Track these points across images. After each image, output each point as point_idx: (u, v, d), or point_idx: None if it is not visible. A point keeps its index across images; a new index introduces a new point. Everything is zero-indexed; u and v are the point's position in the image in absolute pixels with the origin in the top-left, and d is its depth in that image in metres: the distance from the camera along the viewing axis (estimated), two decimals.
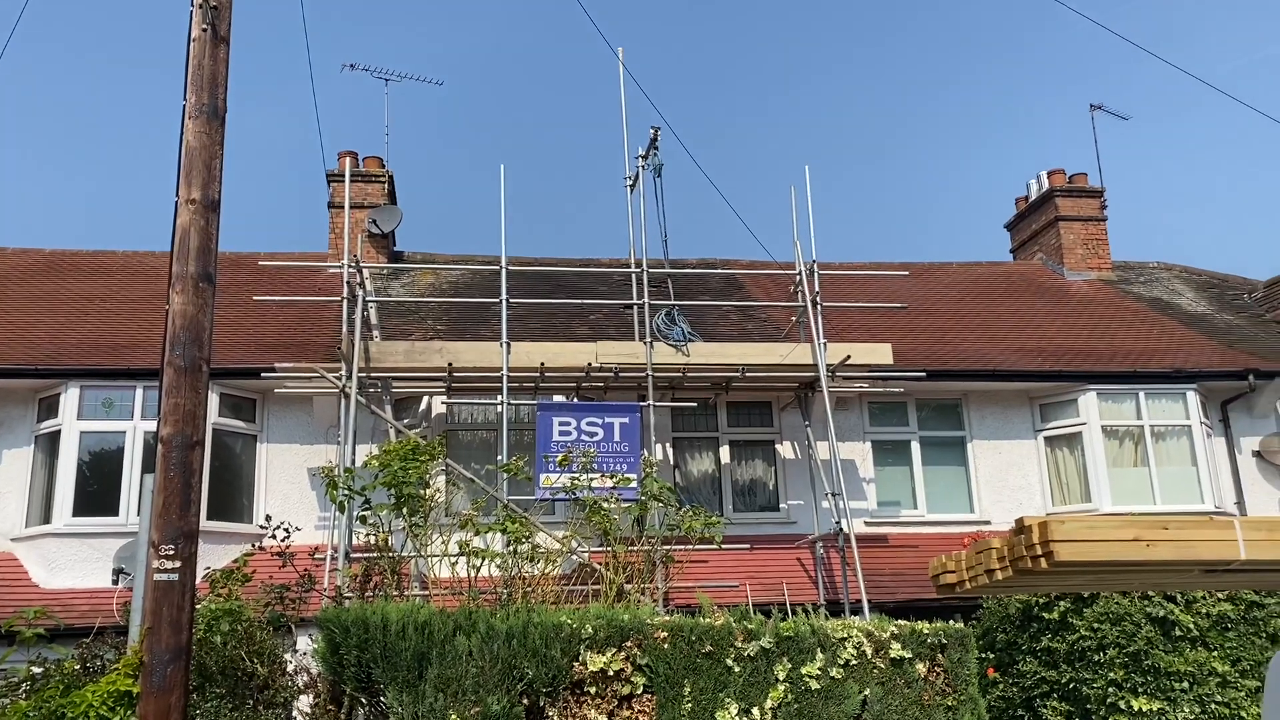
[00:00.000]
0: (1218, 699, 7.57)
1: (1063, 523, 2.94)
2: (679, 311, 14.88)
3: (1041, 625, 8.49)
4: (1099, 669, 7.87)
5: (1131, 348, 17.58)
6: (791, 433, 15.86)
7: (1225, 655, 7.64)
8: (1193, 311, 20.05)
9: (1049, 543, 2.90)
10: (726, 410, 15.97)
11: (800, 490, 15.64)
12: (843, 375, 14.83)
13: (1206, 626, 7.69)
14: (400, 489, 7.74)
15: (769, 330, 16.82)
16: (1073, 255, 21.54)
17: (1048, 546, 2.90)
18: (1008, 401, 16.67)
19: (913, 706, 7.11)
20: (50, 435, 14.21)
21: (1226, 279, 22.19)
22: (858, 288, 18.12)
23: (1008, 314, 19.02)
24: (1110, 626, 7.84)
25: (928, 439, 16.52)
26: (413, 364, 13.80)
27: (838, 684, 7.01)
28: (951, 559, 3.53)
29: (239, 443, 14.97)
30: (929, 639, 7.30)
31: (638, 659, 6.75)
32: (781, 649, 7.02)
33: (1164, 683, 7.64)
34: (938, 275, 20.92)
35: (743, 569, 14.26)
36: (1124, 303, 20.06)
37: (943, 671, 7.30)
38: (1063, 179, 21.91)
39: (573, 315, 17.03)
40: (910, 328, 17.54)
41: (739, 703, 6.81)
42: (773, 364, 14.52)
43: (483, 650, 6.48)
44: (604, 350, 14.10)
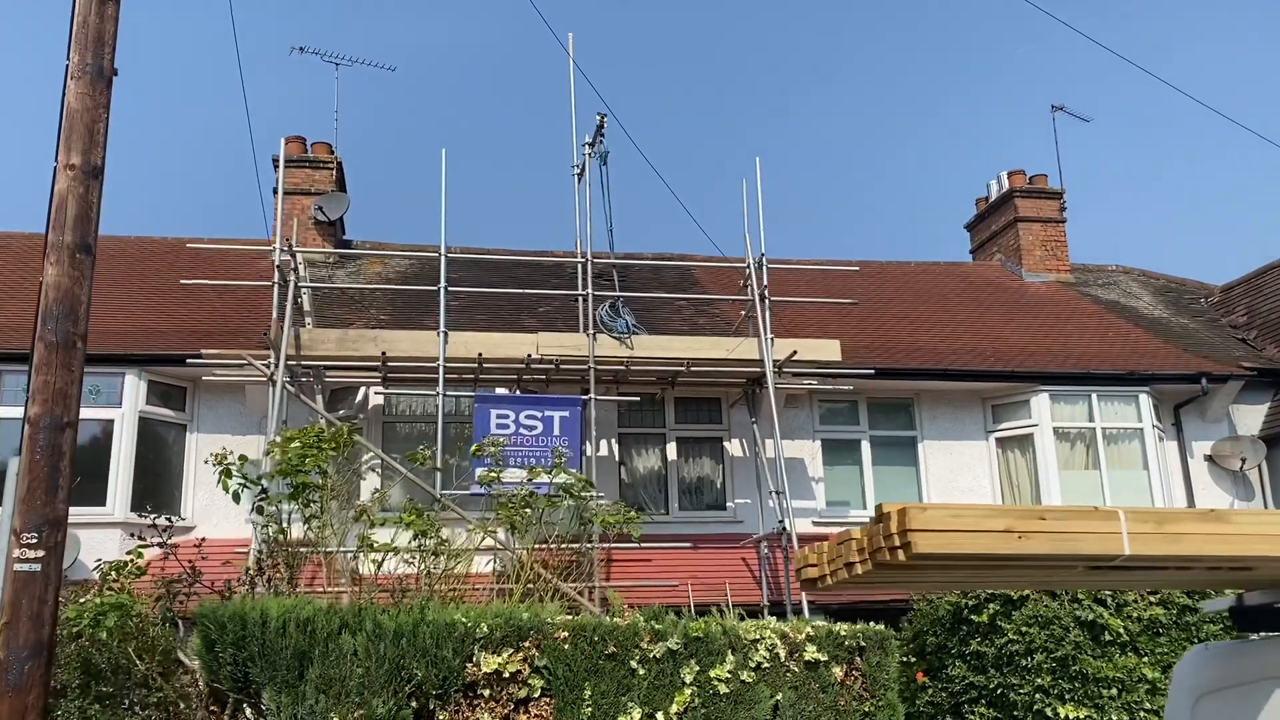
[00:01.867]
0: (1146, 706, 7.30)
1: (924, 510, 2.60)
2: (623, 303, 14.52)
3: (971, 628, 8.20)
4: (1026, 674, 7.58)
5: (1086, 349, 17.41)
6: (740, 430, 15.55)
7: (1156, 661, 7.37)
8: (1149, 315, 19.92)
9: (907, 532, 2.56)
10: (674, 406, 15.64)
11: (748, 489, 15.34)
12: (791, 372, 14.53)
13: (1137, 631, 7.42)
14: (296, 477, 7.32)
15: (721, 326, 16.50)
16: (1031, 256, 21.38)
17: (905, 536, 2.56)
18: (960, 402, 16.44)
19: (827, 712, 6.78)
20: None
21: (1184, 283, 22.11)
22: (812, 285, 17.85)
23: (963, 314, 18.81)
24: (1039, 630, 7.56)
25: (878, 438, 16.27)
26: (346, 352, 13.36)
27: (749, 688, 6.67)
28: (815, 551, 3.19)
29: (170, 433, 14.49)
30: (847, 641, 6.97)
31: (536, 660, 6.37)
32: (690, 650, 6.66)
33: (1092, 689, 7.36)
34: (894, 274, 20.70)
35: (686, 568, 13.94)
36: (1081, 305, 19.90)
37: (860, 675, 6.98)
38: (1023, 180, 21.76)
39: (520, 308, 16.64)
40: (864, 326, 17.29)
41: (642, 707, 6.45)
42: (719, 358, 14.19)
43: (369, 650, 6.09)
44: (545, 341, 13.72)
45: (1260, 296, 19.40)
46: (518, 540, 8.87)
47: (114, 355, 13.80)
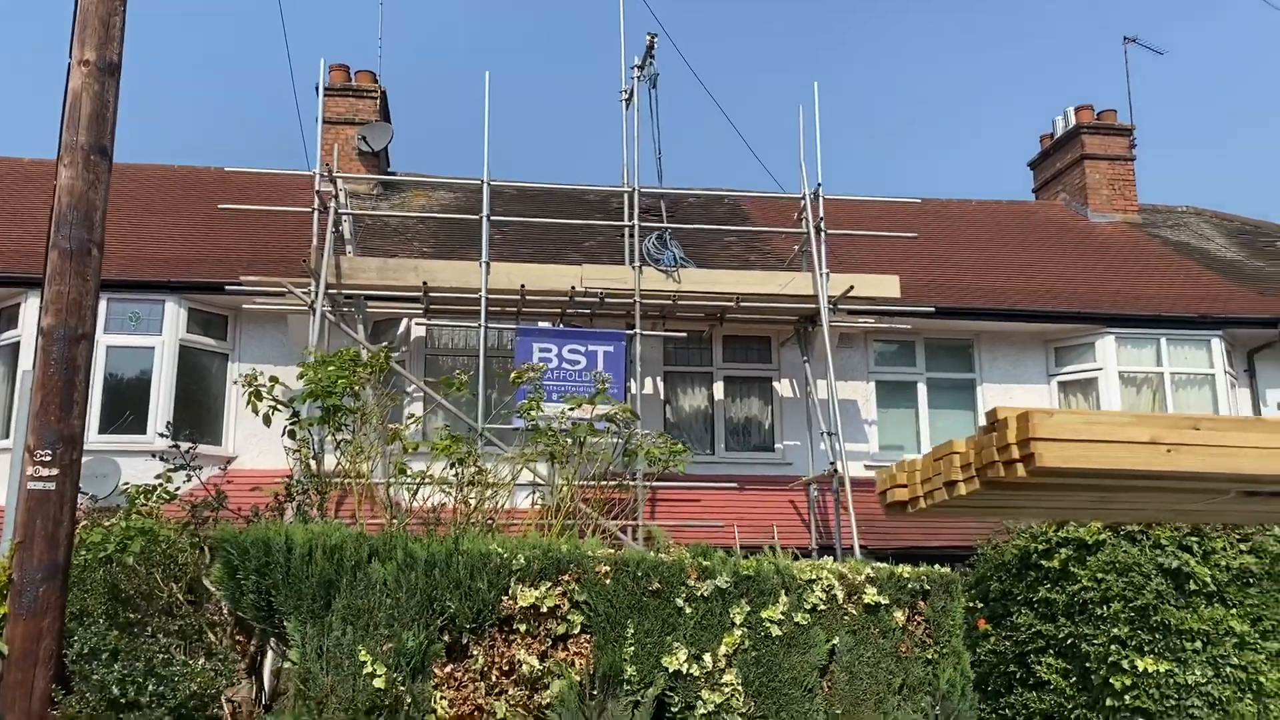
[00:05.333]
0: (1234, 661, 6.77)
1: (1051, 415, 2.12)
2: (670, 235, 13.97)
3: (1040, 574, 7.69)
4: (1101, 624, 7.07)
5: (1155, 292, 16.62)
6: (790, 370, 15.02)
7: (1245, 614, 6.83)
8: (1222, 257, 19.00)
9: (1030, 441, 2.07)
10: (722, 345, 15.13)
11: (797, 431, 14.84)
12: (846, 309, 13.95)
13: (1225, 581, 6.87)
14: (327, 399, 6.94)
15: (772, 263, 15.90)
16: (1097, 196, 20.46)
17: (1028, 447, 2.07)
18: (1021, 344, 15.77)
19: (887, 659, 6.35)
20: None
21: (1259, 225, 21.07)
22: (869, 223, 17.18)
23: (1026, 254, 18.04)
24: (1116, 577, 7.03)
25: (935, 381, 15.68)
26: (387, 282, 12.98)
27: (803, 630, 6.24)
28: (904, 469, 2.70)
29: (212, 362, 14.26)
30: (909, 584, 6.50)
31: (576, 595, 5.98)
32: (740, 590, 6.24)
33: (1173, 641, 6.84)
34: (954, 212, 19.94)
35: (732, 509, 13.53)
36: (1149, 246, 19.03)
37: (924, 621, 6.52)
38: (1090, 115, 20.77)
39: (565, 242, 16.15)
40: (922, 265, 16.60)
41: (689, 648, 6.05)
42: (771, 294, 13.63)
43: (399, 580, 5.73)
44: (589, 274, 13.24)
45: None
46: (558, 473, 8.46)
47: (153, 282, 13.58)
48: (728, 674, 6.07)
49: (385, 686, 5.56)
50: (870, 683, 6.29)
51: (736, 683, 6.08)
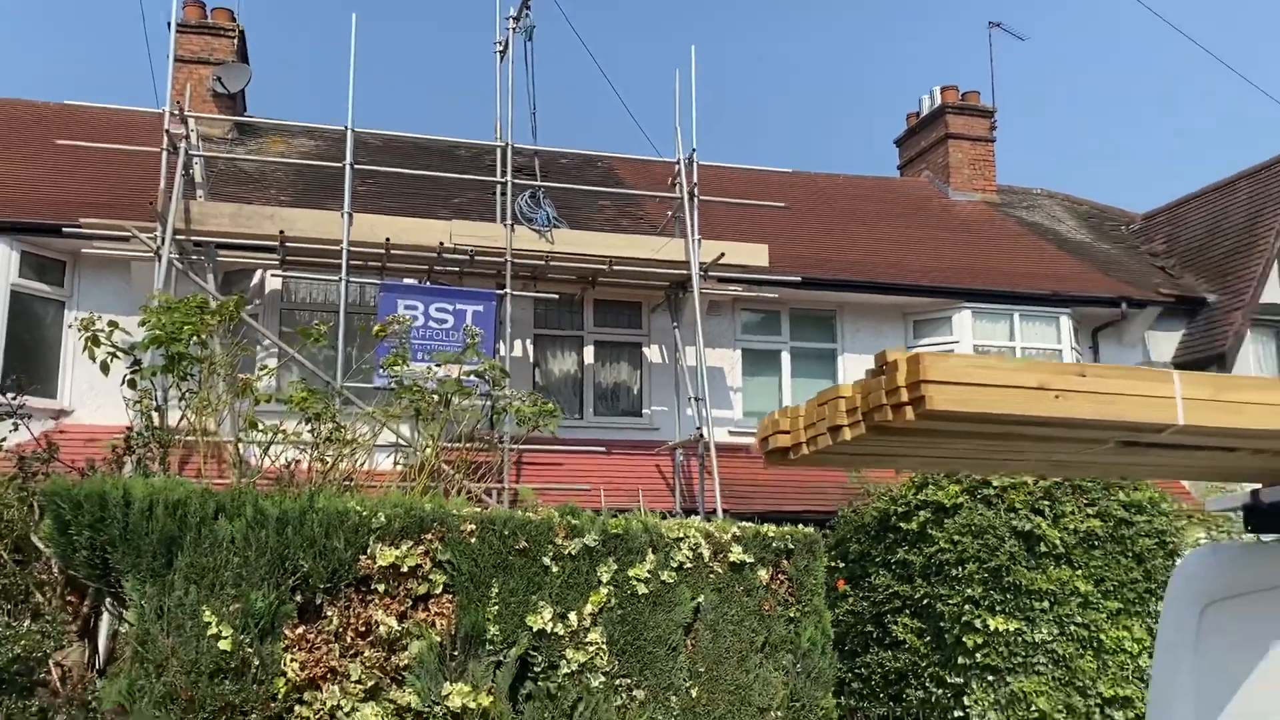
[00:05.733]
0: (1078, 620, 7.07)
1: (942, 358, 2.03)
2: (544, 194, 13.71)
3: (899, 536, 7.87)
4: (956, 585, 7.28)
5: (1009, 269, 17.26)
6: (660, 336, 15.02)
7: (1089, 574, 7.13)
8: (1072, 239, 19.87)
9: (921, 384, 1.99)
10: (593, 308, 15.00)
11: (665, 396, 14.87)
12: (716, 276, 13.99)
13: (1073, 543, 7.15)
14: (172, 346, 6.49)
15: (645, 228, 15.81)
16: (959, 175, 21.10)
17: (918, 390, 2.00)
18: (882, 316, 16.16)
19: (751, 616, 6.37)
20: None
21: (1105, 209, 22.12)
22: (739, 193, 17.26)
23: (889, 229, 18.47)
24: (972, 539, 7.24)
25: (799, 350, 15.94)
26: (240, 229, 12.32)
27: (669, 588, 6.20)
28: (787, 415, 2.62)
29: (47, 310, 13.33)
30: (774, 543, 6.54)
31: (439, 554, 5.78)
32: (608, 549, 6.15)
33: (1023, 601, 7.10)
34: (822, 186, 20.26)
35: (599, 473, 13.47)
36: (1006, 225, 19.75)
37: (787, 579, 6.57)
38: (955, 96, 21.38)
39: (434, 198, 15.68)
40: (790, 237, 16.81)
41: (554, 606, 5.93)
42: (644, 258, 13.54)
43: (249, 538, 5.41)
44: (459, 230, 12.88)
45: (1180, 226, 19.46)
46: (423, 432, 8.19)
47: None
48: (593, 633, 5.99)
49: (231, 649, 5.26)
50: (734, 641, 6.31)
51: (601, 641, 6.00)
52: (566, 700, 5.90)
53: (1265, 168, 17.74)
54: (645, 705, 6.06)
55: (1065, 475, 2.54)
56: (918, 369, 2.11)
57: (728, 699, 6.23)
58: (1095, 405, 2.15)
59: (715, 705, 6.23)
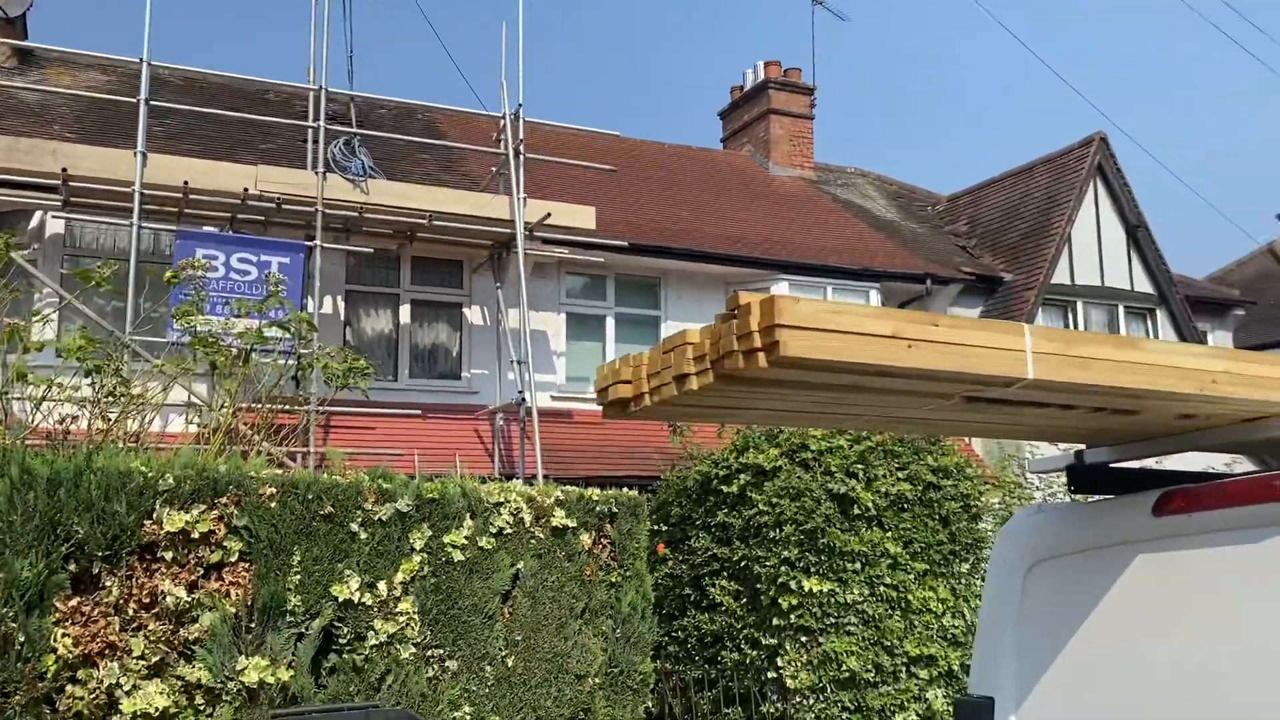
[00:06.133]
0: (887, 581, 7.27)
1: (796, 302, 1.88)
2: (360, 143, 13.04)
3: (719, 499, 7.89)
4: (774, 547, 7.35)
5: (825, 244, 17.74)
6: (482, 297, 14.63)
7: (899, 536, 7.34)
8: (882, 217, 20.60)
9: (775, 329, 1.83)
10: (411, 266, 14.45)
11: (486, 359, 14.52)
12: (541, 237, 13.71)
13: (884, 506, 7.34)
14: None
15: (467, 186, 15.32)
16: (779, 150, 21.51)
17: (772, 335, 1.84)
18: (704, 285, 16.30)
19: (572, 582, 6.21)
20: None
21: (913, 190, 23.06)
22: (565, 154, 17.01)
23: (713, 200, 18.66)
24: (790, 502, 7.32)
25: (623, 316, 15.91)
26: (16, 164, 11.15)
27: (487, 555, 5.95)
28: (629, 363, 2.43)
29: None
30: (598, 507, 6.39)
31: (235, 520, 5.33)
32: (423, 514, 5.84)
33: (837, 563, 7.23)
34: (647, 153, 20.25)
35: (414, 438, 13.03)
36: (822, 202, 20.28)
37: (610, 544, 6.44)
38: (778, 71, 21.74)
39: (238, 142, 14.69)
40: (616, 202, 16.70)
41: (362, 575, 5.58)
42: (466, 214, 13.10)
43: (14, 500, 4.82)
44: (266, 176, 12.09)
45: (981, 208, 20.48)
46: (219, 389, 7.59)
47: None
48: (404, 602, 5.68)
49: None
50: (553, 607, 6.13)
51: (413, 611, 5.70)
52: (374, 673, 5.58)
53: (1061, 156, 18.85)
54: (458, 676, 5.81)
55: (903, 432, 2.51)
56: (772, 312, 1.95)
57: (545, 667, 6.06)
58: (948, 356, 2.06)
59: (532, 674, 6.04)
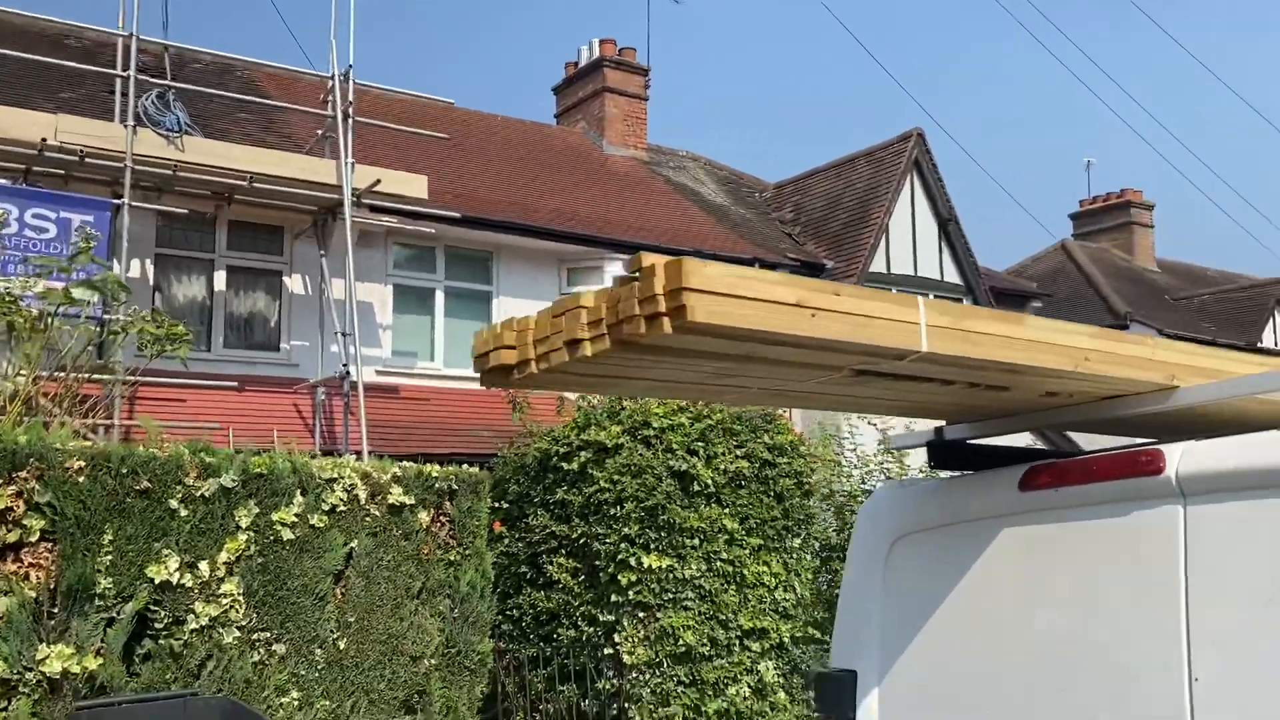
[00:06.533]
0: (723, 556, 7.36)
1: (705, 265, 1.80)
2: (175, 97, 12.18)
3: (559, 476, 7.79)
4: (614, 523, 7.32)
5: (657, 225, 17.86)
6: (304, 265, 13.97)
7: (736, 513, 7.45)
8: (713, 201, 20.91)
9: (682, 292, 1.74)
10: (228, 229, 13.64)
11: (307, 331, 13.88)
12: (370, 205, 13.19)
13: (722, 483, 7.42)
14: None
15: (290, 148, 14.57)
16: (613, 130, 21.49)
17: (678, 299, 1.75)
18: (538, 261, 16.13)
19: (408, 561, 5.98)
20: None
21: (742, 176, 23.51)
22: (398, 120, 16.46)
23: (547, 176, 18.47)
24: (631, 479, 7.30)
25: (454, 290, 15.55)
26: None
27: (319, 534, 5.65)
28: (512, 327, 2.29)
29: None
30: (438, 484, 6.18)
31: (37, 496, 4.85)
32: (250, 490, 5.48)
33: (676, 539, 7.27)
34: (480, 125, 19.85)
35: (229, 412, 12.33)
36: (655, 183, 20.40)
37: (449, 522, 6.24)
38: (613, 50, 21.69)
39: (35, 88, 13.48)
40: (448, 173, 16.29)
41: (182, 555, 5.19)
42: (290, 177, 12.44)
43: None
44: (67, 126, 11.12)
45: (807, 197, 21.08)
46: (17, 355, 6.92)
47: None
48: (228, 583, 5.32)
49: None
50: (388, 587, 5.89)
51: (237, 593, 5.35)
52: (193, 659, 5.21)
53: (881, 150, 19.60)
54: (286, 660, 5.50)
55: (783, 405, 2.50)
56: (679, 275, 1.86)
57: (379, 649, 5.82)
58: (849, 327, 2.03)
59: (365, 656, 5.79)
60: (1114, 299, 23.14)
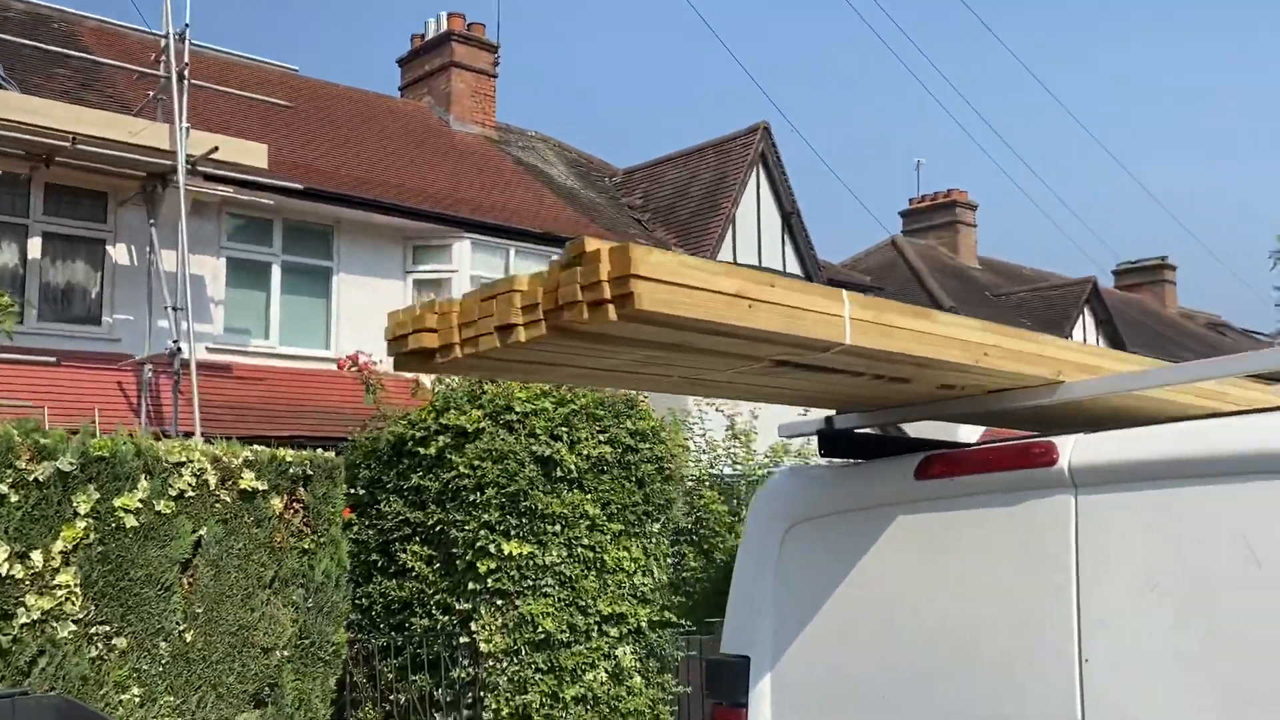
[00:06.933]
0: (585, 542, 7.33)
1: (650, 252, 1.77)
2: None
3: (415, 461, 7.58)
4: (474, 510, 7.18)
5: (507, 205, 17.65)
6: (130, 234, 13.15)
7: (598, 498, 7.42)
8: (563, 184, 20.82)
9: (629, 279, 1.71)
10: (45, 193, 12.71)
11: (132, 304, 13.08)
12: (204, 173, 12.51)
13: (585, 469, 7.39)
14: None
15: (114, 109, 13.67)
16: (461, 105, 21.12)
17: (626, 285, 1.71)
18: (383, 237, 15.70)
19: (260, 549, 5.71)
20: None
21: (591, 160, 23.50)
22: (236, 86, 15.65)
23: (392, 149, 17.98)
24: (493, 465, 7.18)
25: (292, 265, 14.95)
26: None
27: (165, 520, 5.32)
28: (434, 309, 2.20)
29: None
30: (292, 469, 5.92)
31: None
32: (89, 474, 5.11)
33: (538, 525, 7.19)
34: (322, 94, 19.13)
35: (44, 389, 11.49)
36: (503, 162, 20.16)
37: (303, 508, 5.99)
38: (462, 24, 21.32)
39: None
40: (289, 143, 15.63)
41: (12, 544, 4.79)
42: (117, 140, 11.67)
43: None
44: None
45: (656, 184, 21.26)
46: None
47: None
48: (64, 574, 4.95)
49: None
50: (239, 576, 5.61)
51: (74, 584, 4.99)
52: (24, 655, 4.83)
53: (729, 141, 19.94)
54: (128, 655, 5.17)
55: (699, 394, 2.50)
56: (627, 262, 1.82)
57: (228, 641, 5.54)
58: (782, 319, 2.04)
59: (213, 649, 5.50)
60: (939, 294, 24.31)
